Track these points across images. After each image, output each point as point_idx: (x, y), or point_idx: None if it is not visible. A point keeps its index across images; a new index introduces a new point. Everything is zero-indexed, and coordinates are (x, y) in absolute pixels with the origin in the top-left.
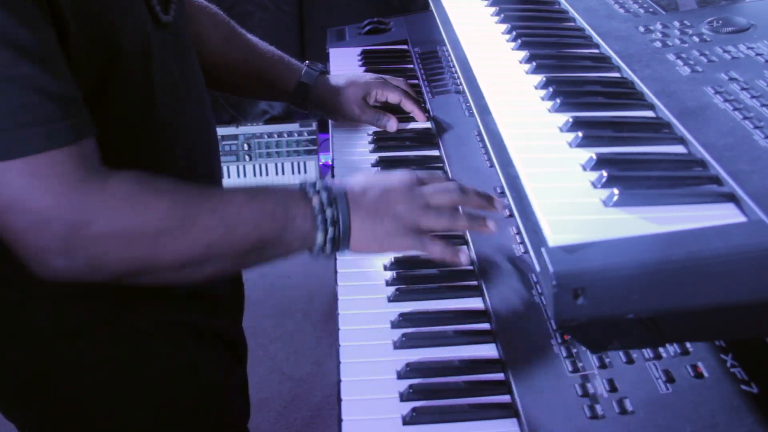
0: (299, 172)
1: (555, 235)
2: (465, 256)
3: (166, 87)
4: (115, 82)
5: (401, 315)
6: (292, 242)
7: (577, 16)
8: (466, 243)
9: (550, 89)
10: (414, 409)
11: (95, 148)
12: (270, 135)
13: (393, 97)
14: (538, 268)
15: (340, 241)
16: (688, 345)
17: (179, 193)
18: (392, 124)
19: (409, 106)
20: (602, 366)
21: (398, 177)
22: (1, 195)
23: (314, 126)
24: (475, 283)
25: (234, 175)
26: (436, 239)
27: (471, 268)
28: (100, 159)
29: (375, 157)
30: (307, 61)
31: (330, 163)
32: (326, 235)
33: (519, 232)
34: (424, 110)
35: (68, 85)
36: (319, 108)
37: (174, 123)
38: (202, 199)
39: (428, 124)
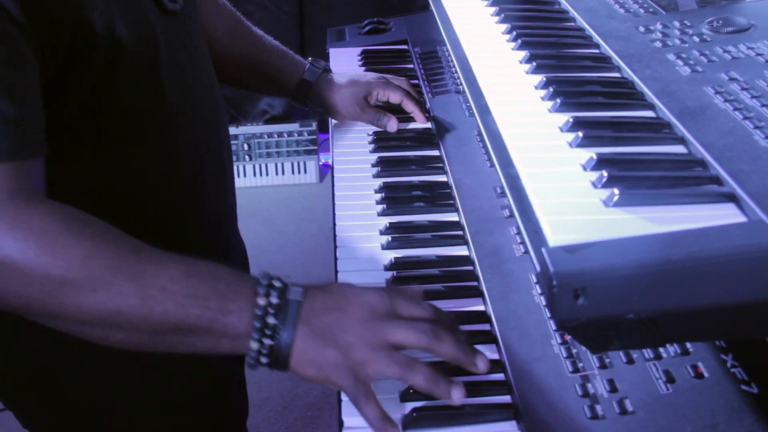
0: (299, 171)
1: (555, 236)
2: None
3: (174, 74)
4: (120, 72)
5: None
6: (221, 340)
7: (577, 16)
8: (466, 243)
9: (551, 89)
10: (414, 410)
11: (35, 172)
12: (270, 135)
13: (394, 98)
14: (538, 268)
15: (279, 357)
16: (688, 345)
17: (103, 246)
18: (392, 125)
19: (410, 106)
20: (602, 366)
21: (371, 298)
22: None
23: (314, 126)
24: (475, 283)
25: (234, 176)
26: (372, 399)
27: (471, 268)
28: (37, 185)
29: (375, 157)
30: (310, 58)
31: (330, 163)
32: (262, 345)
33: (519, 232)
34: (425, 111)
35: (18, 103)
36: (320, 106)
37: (183, 110)
38: (129, 260)
39: (428, 124)
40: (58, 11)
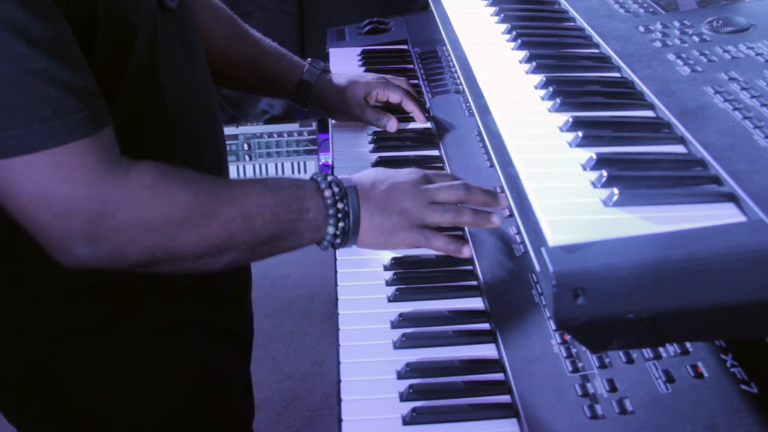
0: (299, 172)
1: (555, 235)
2: (468, 250)
3: (172, 74)
4: (127, 69)
5: (401, 315)
6: (304, 233)
7: (577, 16)
8: (465, 242)
9: (550, 89)
10: (414, 409)
11: (114, 137)
12: (270, 135)
13: (394, 97)
14: (538, 268)
15: (350, 235)
16: (688, 345)
17: (201, 183)
18: (392, 125)
19: (410, 106)
20: (602, 366)
21: (405, 173)
22: (24, 188)
23: (314, 126)
24: (475, 283)
25: (234, 175)
26: (440, 233)
27: (471, 268)
28: (119, 149)
29: (375, 157)
30: (309, 59)
31: (330, 163)
32: (337, 228)
33: (519, 232)
34: (425, 110)
35: (85, 77)
36: (320, 106)
37: (180, 110)
38: (223, 189)
39: (428, 124)
40: (109, 5)
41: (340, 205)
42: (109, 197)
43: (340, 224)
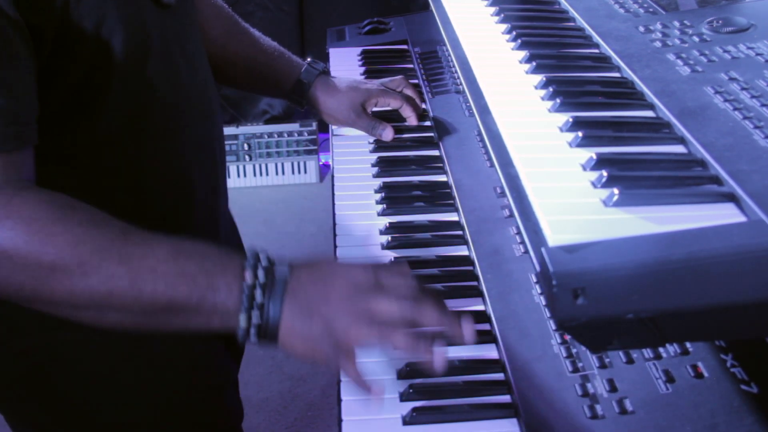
0: (299, 171)
1: (555, 235)
2: (378, 394)
3: (167, 72)
4: (109, 67)
5: None
6: (212, 316)
7: (577, 16)
8: (466, 243)
9: (550, 89)
10: (414, 409)
11: (23, 162)
12: (270, 135)
13: (395, 103)
14: (538, 268)
15: (267, 332)
16: (688, 345)
17: (92, 231)
18: (388, 134)
19: (407, 111)
20: (602, 366)
21: (354, 274)
22: None
23: (314, 126)
24: (475, 283)
25: (234, 175)
26: (351, 364)
27: (471, 268)
28: (27, 175)
29: (375, 157)
30: (308, 59)
31: (330, 163)
32: (249, 322)
33: (519, 232)
34: (423, 120)
35: (7, 95)
36: (315, 107)
37: (176, 109)
38: (117, 243)
39: (428, 124)
40: (46, 3)
41: (257, 295)
42: None
43: (254, 317)
